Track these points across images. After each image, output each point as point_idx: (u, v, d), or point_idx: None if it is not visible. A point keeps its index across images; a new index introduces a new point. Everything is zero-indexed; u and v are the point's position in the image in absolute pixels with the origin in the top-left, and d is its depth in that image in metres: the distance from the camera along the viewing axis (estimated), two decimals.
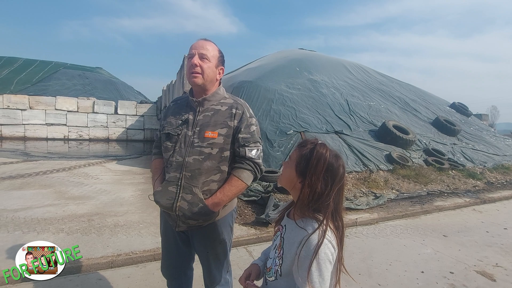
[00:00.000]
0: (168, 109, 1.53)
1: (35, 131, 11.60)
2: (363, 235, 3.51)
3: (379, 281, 2.48)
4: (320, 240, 0.87)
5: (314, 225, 0.91)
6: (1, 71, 17.88)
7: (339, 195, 0.96)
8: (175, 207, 1.35)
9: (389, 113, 8.60)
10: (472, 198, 5.13)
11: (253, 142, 1.40)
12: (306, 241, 0.88)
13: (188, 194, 1.34)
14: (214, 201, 1.35)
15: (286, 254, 0.95)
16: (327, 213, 0.92)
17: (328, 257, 0.87)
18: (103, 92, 18.06)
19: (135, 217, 3.50)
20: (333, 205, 0.93)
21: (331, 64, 11.00)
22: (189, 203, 1.34)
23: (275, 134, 6.15)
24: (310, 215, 0.93)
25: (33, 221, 3.25)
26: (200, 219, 1.36)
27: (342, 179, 0.95)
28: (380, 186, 5.17)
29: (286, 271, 0.94)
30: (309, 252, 0.87)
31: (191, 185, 1.34)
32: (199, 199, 1.34)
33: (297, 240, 0.92)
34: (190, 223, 1.38)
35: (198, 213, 1.34)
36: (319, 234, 0.88)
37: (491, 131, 10.64)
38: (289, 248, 0.94)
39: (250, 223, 3.53)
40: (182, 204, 1.34)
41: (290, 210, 1.05)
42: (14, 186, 4.65)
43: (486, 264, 2.85)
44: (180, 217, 1.37)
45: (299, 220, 0.95)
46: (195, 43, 1.38)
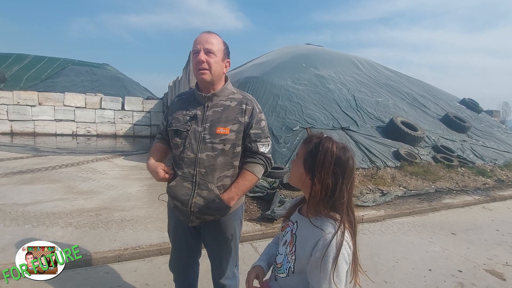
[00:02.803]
0: (173, 104, 1.51)
1: (44, 127, 11.77)
2: (369, 232, 3.48)
3: (385, 279, 2.46)
4: (338, 241, 0.85)
5: (331, 225, 0.89)
6: (11, 68, 18.18)
7: (350, 188, 0.93)
8: (191, 203, 1.36)
9: (397, 109, 8.47)
10: (482, 196, 5.03)
11: (264, 138, 1.42)
12: (324, 242, 0.86)
13: (204, 190, 1.35)
14: (229, 195, 1.37)
15: (299, 251, 0.93)
16: (343, 211, 0.90)
17: (345, 258, 0.86)
18: (110, 88, 18.22)
19: (142, 212, 3.54)
20: (346, 198, 0.91)
21: (338, 60, 10.85)
22: (205, 199, 1.35)
23: (281, 130, 6.12)
24: (325, 213, 0.91)
25: (43, 215, 3.31)
26: (217, 214, 1.38)
27: (353, 171, 0.93)
28: (387, 183, 5.11)
29: (299, 269, 0.93)
30: (327, 253, 0.85)
31: (207, 181, 1.35)
32: (215, 194, 1.35)
33: (312, 239, 0.89)
34: (206, 218, 1.40)
35: (215, 208, 1.36)
36: (338, 235, 0.87)
37: (502, 127, 10.39)
38: (302, 246, 0.92)
39: (256, 219, 3.53)
40: (198, 200, 1.35)
41: (302, 207, 1.03)
42: (24, 181, 4.74)
43: (496, 263, 2.80)
44: (195, 213, 1.37)
45: (313, 218, 0.93)
46: (199, 37, 1.35)
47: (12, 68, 18.22)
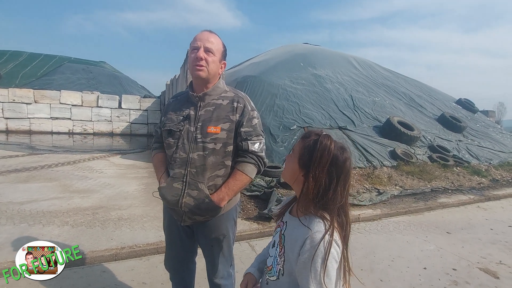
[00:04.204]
0: (168, 105, 1.51)
1: (40, 125, 11.68)
2: (365, 231, 3.50)
3: (381, 277, 2.48)
4: (327, 240, 0.83)
5: (319, 223, 0.86)
6: (6, 65, 17.99)
7: (346, 190, 0.90)
8: (181, 203, 1.35)
9: (394, 109, 8.52)
10: (477, 195, 5.09)
11: (255, 136, 1.40)
12: (311, 241, 0.83)
13: (193, 190, 1.34)
14: (219, 196, 1.36)
15: (288, 252, 0.90)
16: (334, 212, 0.88)
17: (334, 256, 0.83)
18: (107, 86, 18.10)
19: (139, 211, 3.53)
20: (340, 201, 0.88)
21: (336, 59, 10.89)
22: (195, 199, 1.34)
23: (278, 130, 6.13)
24: (315, 212, 0.88)
25: (39, 213, 3.29)
26: (206, 214, 1.37)
27: (349, 173, 0.89)
28: (384, 183, 5.15)
29: (288, 270, 0.90)
30: (316, 253, 0.82)
31: (197, 181, 1.34)
32: (205, 195, 1.34)
33: (300, 238, 0.86)
34: (196, 219, 1.39)
35: (205, 208, 1.35)
36: (325, 233, 0.84)
37: (497, 127, 10.50)
38: (291, 247, 0.89)
39: (253, 218, 3.54)
40: (187, 200, 1.34)
41: (293, 207, 1.00)
42: (20, 179, 4.71)
43: (490, 262, 2.83)
44: (186, 212, 1.37)
45: (302, 217, 0.90)
46: (200, 35, 1.36)
47: (7, 65, 18.03)
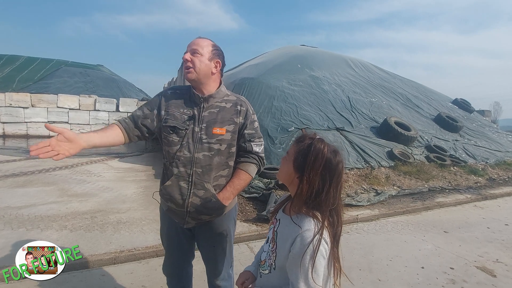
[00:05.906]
0: (166, 96, 1.45)
1: (37, 129, 11.63)
2: (364, 231, 3.52)
3: (379, 276, 2.50)
4: (316, 238, 0.87)
5: (309, 222, 0.91)
6: (3, 69, 17.90)
7: (338, 192, 0.94)
8: (187, 203, 1.37)
9: (391, 109, 8.57)
10: (474, 195, 5.13)
11: (257, 138, 1.48)
12: (301, 239, 0.88)
13: (200, 190, 1.37)
14: (225, 195, 1.40)
15: (280, 248, 0.95)
16: (326, 212, 0.92)
17: (322, 253, 0.87)
18: (105, 89, 18.04)
19: (138, 214, 3.53)
20: (333, 203, 0.93)
21: (333, 61, 10.94)
22: (202, 198, 1.37)
23: (276, 131, 6.14)
24: (306, 212, 0.93)
25: (37, 218, 3.28)
26: (213, 213, 1.41)
27: (341, 176, 0.94)
28: (382, 183, 5.17)
29: (280, 265, 0.95)
30: (305, 250, 0.87)
31: (203, 181, 1.37)
32: (211, 194, 1.37)
33: (291, 235, 0.91)
34: (203, 218, 1.41)
35: (212, 207, 1.38)
36: (315, 231, 0.88)
37: (493, 127, 10.58)
38: (282, 243, 0.95)
39: (252, 219, 3.55)
40: (194, 200, 1.37)
41: (286, 205, 1.05)
42: (17, 184, 4.69)
43: (487, 260, 2.86)
44: (191, 213, 1.39)
45: (294, 216, 0.95)
46: (190, 42, 1.41)
47: (4, 69, 17.93)
